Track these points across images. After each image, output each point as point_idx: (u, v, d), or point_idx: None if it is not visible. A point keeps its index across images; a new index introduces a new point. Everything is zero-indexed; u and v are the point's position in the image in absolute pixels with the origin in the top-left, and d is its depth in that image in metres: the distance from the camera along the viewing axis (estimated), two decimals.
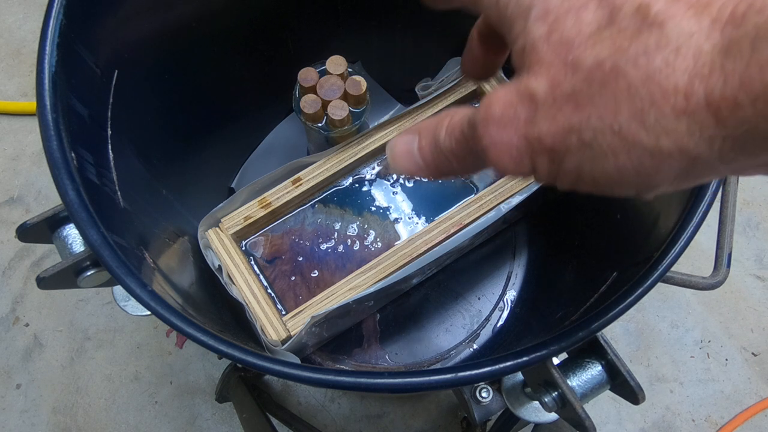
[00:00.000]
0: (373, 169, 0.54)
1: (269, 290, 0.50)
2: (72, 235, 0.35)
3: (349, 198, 0.53)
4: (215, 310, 0.42)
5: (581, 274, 0.47)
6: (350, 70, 0.51)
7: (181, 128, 0.49)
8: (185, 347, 0.75)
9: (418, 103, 0.53)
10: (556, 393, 0.32)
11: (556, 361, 0.32)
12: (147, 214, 0.40)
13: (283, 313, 0.49)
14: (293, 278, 0.51)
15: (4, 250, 0.81)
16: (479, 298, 0.57)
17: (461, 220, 0.50)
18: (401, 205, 0.53)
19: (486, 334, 0.56)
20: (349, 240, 0.52)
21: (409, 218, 0.53)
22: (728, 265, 0.38)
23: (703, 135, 0.16)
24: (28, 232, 0.34)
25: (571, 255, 0.51)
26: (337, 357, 0.54)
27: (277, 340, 0.46)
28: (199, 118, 0.51)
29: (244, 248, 0.52)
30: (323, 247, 0.52)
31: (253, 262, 0.51)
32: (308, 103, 0.49)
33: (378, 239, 0.52)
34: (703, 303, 0.78)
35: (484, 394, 0.47)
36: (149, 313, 0.29)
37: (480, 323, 0.56)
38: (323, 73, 0.50)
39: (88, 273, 0.34)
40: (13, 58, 0.93)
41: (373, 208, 0.53)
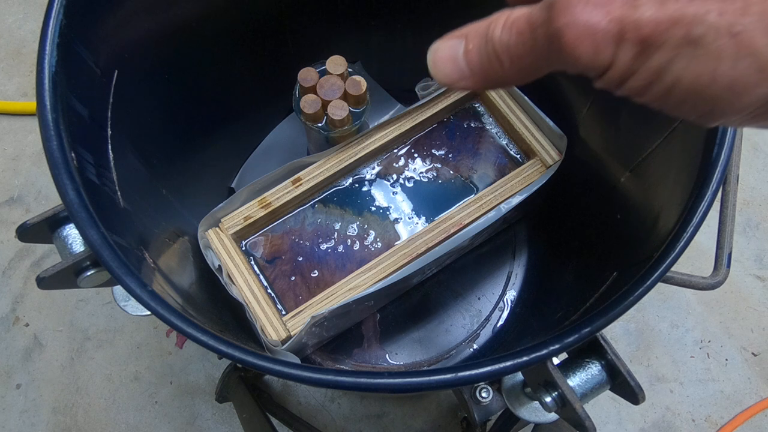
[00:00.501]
0: (373, 169, 0.54)
1: (269, 290, 0.50)
2: (72, 235, 0.35)
3: (349, 198, 0.53)
4: (215, 310, 0.42)
5: (581, 274, 0.47)
6: (350, 70, 0.51)
7: (181, 128, 0.49)
8: (185, 347, 0.75)
9: (418, 103, 0.53)
10: (556, 393, 0.32)
11: (556, 361, 0.32)
12: (147, 214, 0.40)
13: (283, 313, 0.49)
14: (293, 278, 0.51)
15: (4, 250, 0.81)
16: (479, 298, 0.57)
17: (461, 220, 0.50)
18: (401, 205, 0.53)
19: (486, 334, 0.56)
20: (349, 240, 0.52)
21: (409, 218, 0.53)
22: (728, 265, 0.38)
23: None
24: (28, 232, 0.34)
25: (571, 255, 0.51)
26: (337, 357, 0.54)
27: (277, 340, 0.46)
28: (199, 118, 0.51)
29: (244, 248, 0.52)
30: (323, 247, 0.52)
31: (253, 262, 0.51)
32: (308, 103, 0.49)
33: (378, 239, 0.52)
34: (703, 303, 0.78)
35: (484, 394, 0.47)
36: (149, 313, 0.29)
37: (480, 323, 0.56)
38: (323, 73, 0.50)
39: (88, 273, 0.34)
40: (13, 58, 0.93)
41: (373, 208, 0.53)
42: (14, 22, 0.95)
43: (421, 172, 0.54)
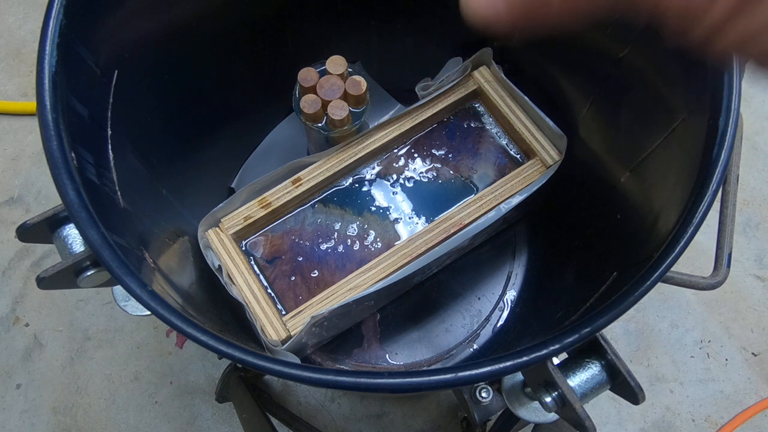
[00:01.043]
0: (373, 169, 0.54)
1: (269, 290, 0.50)
2: (72, 235, 0.35)
3: (349, 198, 0.53)
4: (215, 310, 0.42)
5: (581, 274, 0.47)
6: (350, 70, 0.51)
7: (181, 128, 0.49)
8: (185, 347, 0.75)
9: (418, 103, 0.53)
10: (556, 393, 0.32)
11: (556, 361, 0.32)
12: (147, 214, 0.40)
13: (283, 313, 0.49)
14: (293, 278, 0.51)
15: (4, 250, 0.81)
16: (479, 298, 0.57)
17: (461, 220, 0.50)
18: (401, 205, 0.53)
19: (486, 334, 0.56)
20: (349, 240, 0.52)
21: (409, 218, 0.53)
22: (728, 265, 0.38)
23: None
24: (28, 232, 0.34)
25: (571, 255, 0.51)
26: (337, 357, 0.54)
27: (277, 340, 0.46)
28: (199, 118, 0.51)
29: (244, 248, 0.52)
30: (323, 247, 0.52)
31: (253, 262, 0.51)
32: (308, 103, 0.49)
33: (378, 239, 0.52)
34: (703, 303, 0.78)
35: (484, 394, 0.47)
36: (149, 313, 0.29)
37: (480, 323, 0.56)
38: (323, 73, 0.50)
39: (88, 273, 0.34)
40: (13, 58, 0.93)
41: (373, 208, 0.53)
42: (14, 22, 0.95)
43: (421, 172, 0.54)
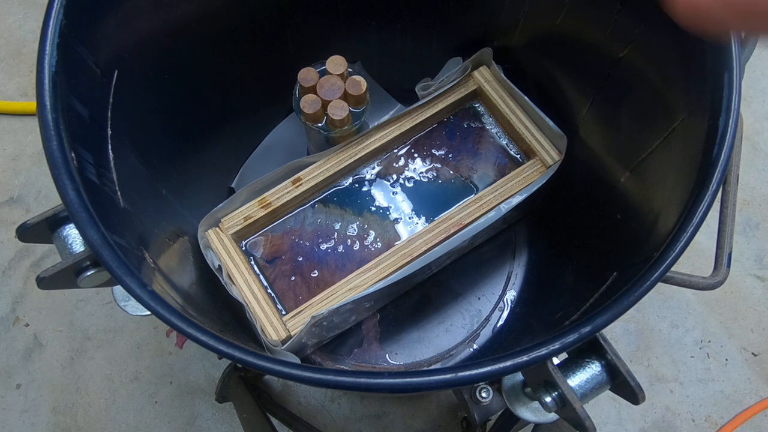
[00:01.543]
0: (373, 169, 0.54)
1: (269, 290, 0.50)
2: (72, 235, 0.35)
3: (349, 198, 0.53)
4: (215, 310, 0.42)
5: (581, 274, 0.47)
6: (350, 70, 0.51)
7: (181, 128, 0.49)
8: (185, 347, 0.75)
9: (418, 103, 0.53)
10: (556, 393, 0.32)
11: (556, 361, 0.32)
12: (147, 214, 0.40)
13: (283, 313, 0.49)
14: (293, 278, 0.51)
15: (4, 250, 0.81)
16: (479, 298, 0.57)
17: (461, 220, 0.50)
18: (401, 205, 0.53)
19: (486, 334, 0.56)
20: (349, 240, 0.52)
21: (409, 218, 0.53)
22: (728, 265, 0.38)
23: None
24: (28, 232, 0.34)
25: (571, 255, 0.51)
26: (337, 357, 0.54)
27: (277, 340, 0.46)
28: (199, 118, 0.51)
29: (244, 248, 0.52)
30: (323, 247, 0.52)
31: (253, 262, 0.51)
32: (308, 103, 0.49)
33: (378, 239, 0.52)
34: (703, 303, 0.78)
35: (484, 394, 0.47)
36: (149, 313, 0.29)
37: (480, 323, 0.56)
38: (323, 73, 0.50)
39: (88, 273, 0.34)
40: (13, 58, 0.93)
41: (373, 208, 0.53)
42: (14, 22, 0.95)
43: (421, 172, 0.54)
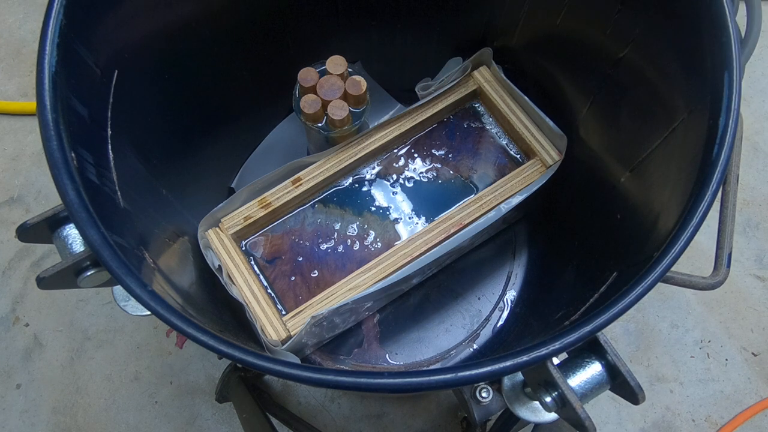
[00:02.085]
0: (373, 169, 0.54)
1: (269, 290, 0.50)
2: (72, 235, 0.35)
3: (349, 198, 0.53)
4: (215, 310, 0.42)
5: (581, 274, 0.47)
6: (350, 70, 0.51)
7: (181, 128, 0.49)
8: (185, 347, 0.75)
9: (418, 103, 0.53)
10: (556, 393, 0.32)
11: (556, 361, 0.32)
12: (147, 214, 0.39)
13: (283, 313, 0.49)
14: (293, 278, 0.51)
15: (4, 250, 0.81)
16: (479, 298, 0.57)
17: (461, 220, 0.50)
18: (401, 205, 0.53)
19: (486, 334, 0.56)
20: (349, 240, 0.52)
21: (409, 218, 0.53)
22: (728, 265, 0.38)
23: None
24: (28, 232, 0.34)
25: (571, 255, 0.51)
26: (337, 357, 0.54)
27: (277, 340, 0.46)
28: (199, 117, 0.51)
29: (244, 248, 0.52)
30: (323, 247, 0.52)
31: (253, 262, 0.51)
32: (308, 103, 0.49)
33: (378, 239, 0.52)
34: (703, 303, 0.78)
35: (484, 394, 0.47)
36: (149, 313, 0.29)
37: (480, 323, 0.56)
38: (323, 73, 0.50)
39: (88, 273, 0.34)
40: (13, 58, 0.93)
41: (373, 208, 0.53)
42: (14, 22, 0.95)
43: (421, 172, 0.54)
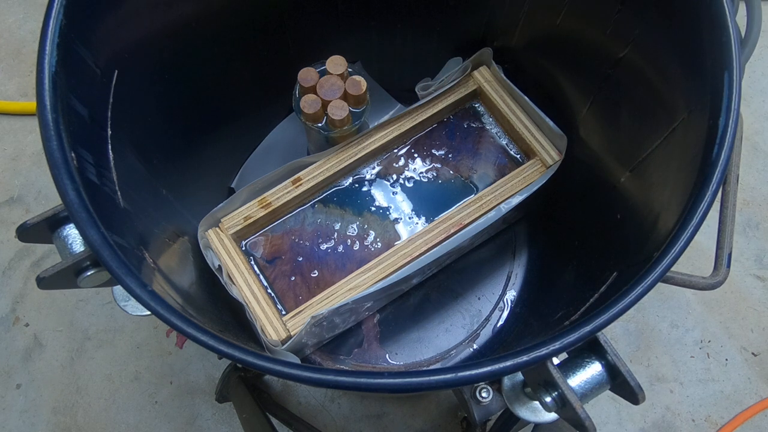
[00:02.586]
0: (373, 169, 0.54)
1: (269, 290, 0.50)
2: (72, 235, 0.35)
3: (349, 198, 0.53)
4: (215, 310, 0.42)
5: (581, 274, 0.47)
6: (350, 70, 0.51)
7: (181, 128, 0.49)
8: (185, 347, 0.75)
9: (418, 103, 0.53)
10: (556, 393, 0.32)
11: (556, 361, 0.32)
12: (147, 214, 0.39)
13: (283, 313, 0.49)
14: (293, 278, 0.51)
15: (4, 250, 0.81)
16: (479, 298, 0.57)
17: (461, 220, 0.50)
18: (401, 205, 0.53)
19: (486, 334, 0.56)
20: (349, 240, 0.52)
21: (409, 218, 0.53)
22: (728, 265, 0.38)
23: None
24: (28, 232, 0.34)
25: (571, 255, 0.51)
26: (337, 357, 0.54)
27: (277, 340, 0.46)
28: (199, 117, 0.51)
29: (244, 248, 0.52)
30: (323, 247, 0.52)
31: (253, 262, 0.51)
32: (308, 103, 0.49)
33: (378, 239, 0.52)
34: (703, 303, 0.78)
35: (484, 394, 0.47)
36: (149, 313, 0.29)
37: (480, 323, 0.56)
38: (323, 73, 0.50)
39: (88, 273, 0.34)
40: (13, 58, 0.93)
41: (373, 208, 0.53)
42: (14, 22, 0.95)
43: (421, 172, 0.54)
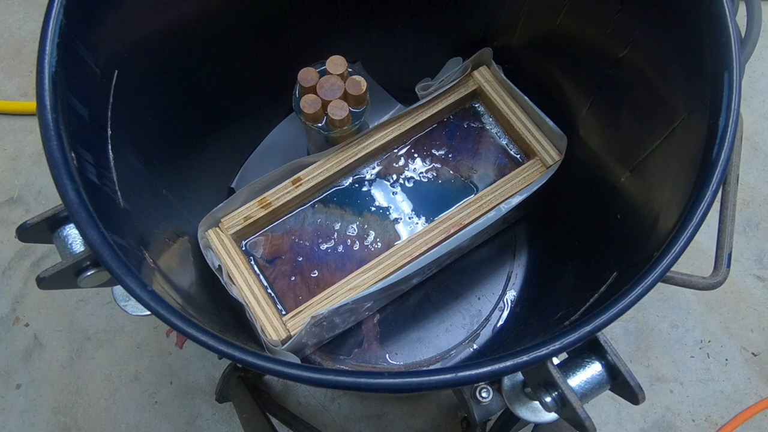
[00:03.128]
0: (373, 169, 0.54)
1: (269, 290, 0.50)
2: (72, 235, 0.35)
3: (349, 198, 0.53)
4: (215, 310, 0.42)
5: (581, 274, 0.47)
6: (350, 70, 0.51)
7: (181, 128, 0.49)
8: (185, 347, 0.75)
9: (418, 103, 0.53)
10: (556, 393, 0.32)
11: (556, 361, 0.32)
12: (147, 214, 0.39)
13: (283, 313, 0.49)
14: (293, 278, 0.51)
15: (4, 250, 0.81)
16: (479, 298, 0.57)
17: (461, 220, 0.50)
18: (401, 205, 0.53)
19: (486, 334, 0.56)
20: (349, 240, 0.52)
21: (409, 218, 0.53)
22: (728, 265, 0.38)
23: None
24: (28, 232, 0.34)
25: (571, 255, 0.51)
26: (337, 357, 0.54)
27: (277, 340, 0.46)
28: (199, 118, 0.51)
29: (244, 248, 0.52)
30: (323, 247, 0.52)
31: (253, 262, 0.51)
32: (308, 103, 0.49)
33: (378, 239, 0.52)
34: (703, 303, 0.78)
35: (484, 394, 0.47)
36: (149, 313, 0.29)
37: (480, 323, 0.56)
38: (323, 73, 0.50)
39: (88, 273, 0.34)
40: (13, 58, 0.93)
41: (373, 208, 0.53)
42: (14, 22, 0.95)
43: (421, 172, 0.54)
